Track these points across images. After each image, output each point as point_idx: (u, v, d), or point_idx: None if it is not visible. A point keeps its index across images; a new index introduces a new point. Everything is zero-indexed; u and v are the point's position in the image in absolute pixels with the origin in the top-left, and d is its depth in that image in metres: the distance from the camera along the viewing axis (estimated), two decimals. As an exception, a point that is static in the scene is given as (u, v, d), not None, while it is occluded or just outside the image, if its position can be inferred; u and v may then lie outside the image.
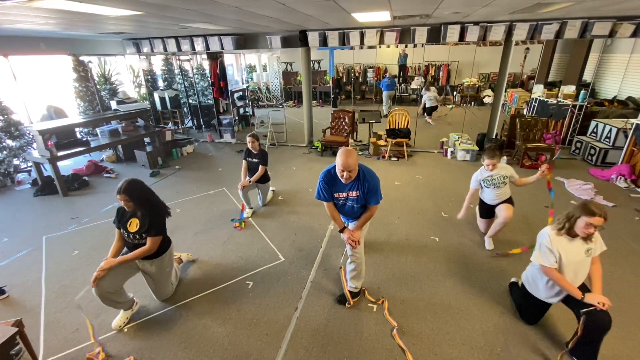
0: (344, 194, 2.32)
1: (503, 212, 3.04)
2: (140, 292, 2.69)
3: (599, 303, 1.88)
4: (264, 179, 4.09)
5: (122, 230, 2.36)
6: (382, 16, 4.41)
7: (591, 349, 1.95)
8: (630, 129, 4.88)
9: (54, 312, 2.55)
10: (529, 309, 2.32)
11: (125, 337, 2.31)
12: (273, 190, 4.60)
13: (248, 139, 3.94)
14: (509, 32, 5.30)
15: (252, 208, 4.07)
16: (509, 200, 3.14)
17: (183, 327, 2.38)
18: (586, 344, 1.97)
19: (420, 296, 2.63)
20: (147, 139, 6.13)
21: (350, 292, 2.56)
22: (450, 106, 9.27)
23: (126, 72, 8.10)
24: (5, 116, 5.07)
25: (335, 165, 2.24)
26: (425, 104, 8.16)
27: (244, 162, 4.04)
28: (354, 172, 2.18)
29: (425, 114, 8.28)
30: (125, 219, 2.34)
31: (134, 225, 2.31)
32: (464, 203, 3.28)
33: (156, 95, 8.05)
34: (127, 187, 2.24)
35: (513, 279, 2.68)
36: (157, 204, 2.43)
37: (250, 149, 3.98)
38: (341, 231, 2.41)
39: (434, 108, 8.19)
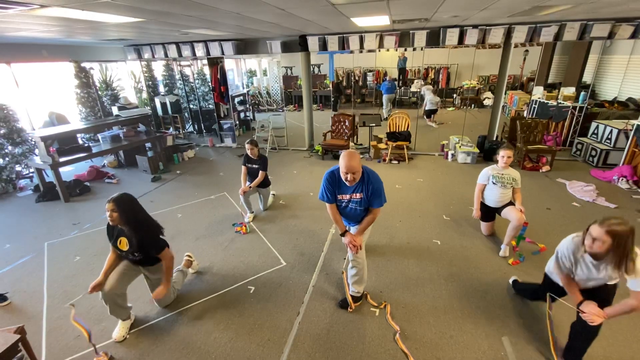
0: (347, 196, 2.33)
1: (513, 215, 3.02)
2: (143, 298, 2.68)
3: (588, 314, 1.75)
4: (265, 183, 4.10)
5: (116, 248, 2.34)
6: (382, 20, 4.43)
7: (577, 353, 1.95)
8: (631, 130, 4.88)
9: (56, 318, 2.55)
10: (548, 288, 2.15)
11: (126, 343, 2.30)
12: (273, 194, 4.60)
13: (247, 145, 3.95)
14: (508, 35, 5.33)
15: (252, 212, 4.08)
16: (512, 204, 3.15)
17: (185, 333, 2.37)
18: (572, 348, 1.97)
19: (422, 300, 2.62)
20: (148, 144, 6.16)
21: (352, 296, 2.55)
22: (451, 108, 9.30)
23: (127, 78, 8.15)
24: (8, 123, 5.10)
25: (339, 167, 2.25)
26: (425, 104, 8.12)
27: (243, 167, 4.04)
28: (358, 175, 2.19)
29: (425, 117, 8.27)
30: (115, 238, 2.31)
31: (123, 244, 2.28)
32: (474, 203, 3.32)
33: (157, 101, 8.09)
34: (117, 197, 2.21)
35: (513, 278, 2.70)
36: (147, 222, 2.35)
37: (250, 155, 3.99)
38: (342, 235, 2.41)
39: (434, 111, 8.19)
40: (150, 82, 8.20)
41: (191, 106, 8.62)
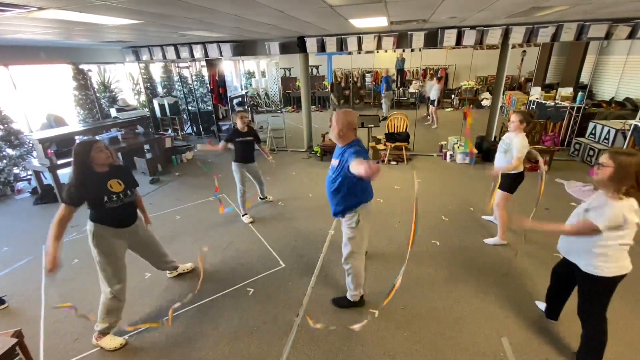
0: (335, 161, 2.25)
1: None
2: (141, 300, 2.67)
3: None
4: (253, 157, 3.88)
5: (103, 197, 2.18)
6: (380, 22, 4.44)
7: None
8: (628, 130, 4.90)
9: (54, 321, 2.53)
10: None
11: (126, 348, 2.29)
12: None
13: (238, 115, 3.60)
14: (506, 36, 5.34)
15: (248, 217, 4.04)
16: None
17: (184, 336, 2.36)
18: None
19: (422, 301, 2.62)
20: (146, 146, 6.14)
21: (349, 300, 2.53)
22: (449, 109, 9.33)
23: (125, 79, 8.14)
24: (5, 125, 5.09)
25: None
26: (431, 93, 8.01)
27: (223, 143, 3.71)
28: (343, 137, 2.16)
29: (430, 107, 8.12)
30: (102, 186, 2.18)
31: (115, 185, 2.21)
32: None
33: (155, 103, 8.08)
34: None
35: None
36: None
37: (240, 128, 3.65)
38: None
39: (438, 101, 8.09)
40: (148, 84, 8.19)
41: (190, 108, 8.62)
